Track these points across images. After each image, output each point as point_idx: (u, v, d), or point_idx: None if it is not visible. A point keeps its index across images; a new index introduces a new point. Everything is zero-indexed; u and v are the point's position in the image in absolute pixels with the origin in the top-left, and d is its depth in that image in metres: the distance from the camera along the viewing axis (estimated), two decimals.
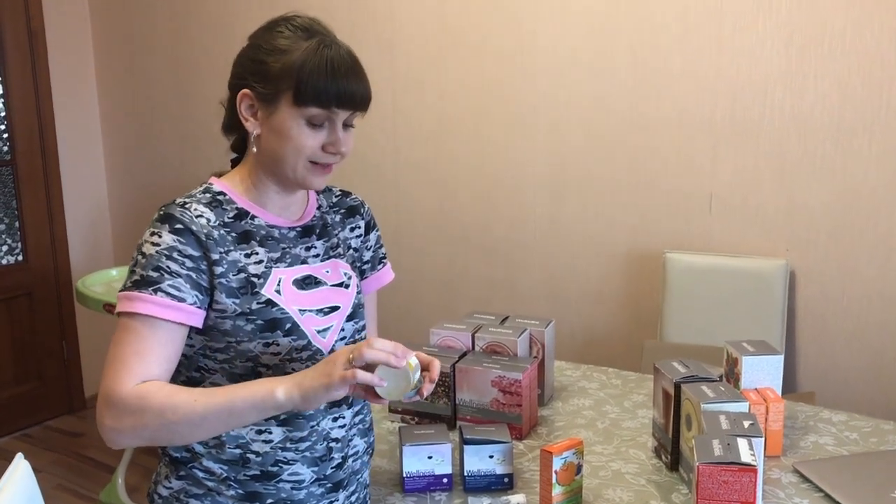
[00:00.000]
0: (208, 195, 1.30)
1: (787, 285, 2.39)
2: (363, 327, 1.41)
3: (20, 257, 3.78)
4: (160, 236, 1.22)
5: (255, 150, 1.29)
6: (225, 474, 1.29)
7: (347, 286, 1.38)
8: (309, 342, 1.29)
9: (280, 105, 1.24)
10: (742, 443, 1.28)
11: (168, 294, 1.19)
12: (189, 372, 1.29)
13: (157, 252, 1.21)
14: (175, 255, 1.21)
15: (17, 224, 3.75)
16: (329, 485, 1.35)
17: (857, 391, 2.36)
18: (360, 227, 1.47)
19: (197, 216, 1.25)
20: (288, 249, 1.33)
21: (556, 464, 1.44)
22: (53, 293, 3.90)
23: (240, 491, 1.29)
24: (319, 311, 1.32)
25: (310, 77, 1.21)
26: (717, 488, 1.23)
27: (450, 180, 3.01)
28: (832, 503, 1.45)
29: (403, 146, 3.09)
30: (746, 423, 1.36)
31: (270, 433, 1.29)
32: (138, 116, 3.85)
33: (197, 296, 1.22)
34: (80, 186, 3.98)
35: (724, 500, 1.23)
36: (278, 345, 1.26)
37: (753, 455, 1.24)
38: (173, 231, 1.22)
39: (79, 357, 4.04)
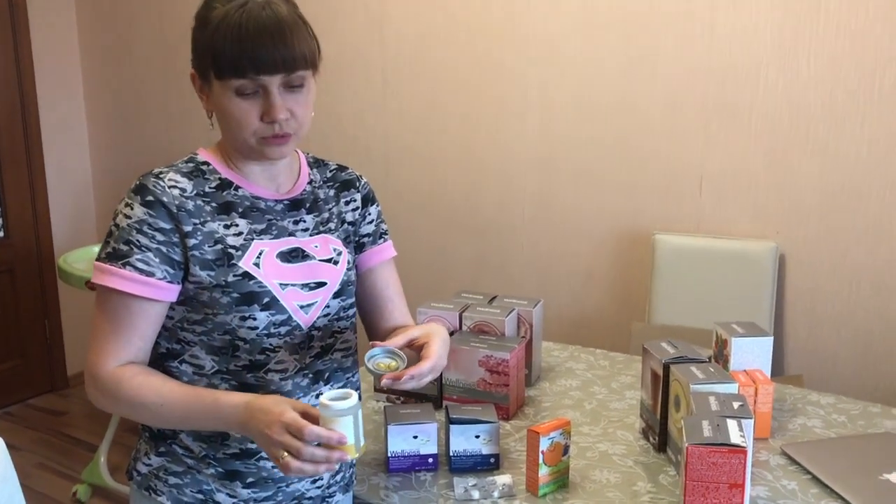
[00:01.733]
0: (191, 165, 1.27)
1: (777, 268, 2.38)
2: (351, 305, 1.38)
3: (1, 234, 3.73)
4: (132, 208, 1.20)
5: (211, 126, 1.27)
6: (204, 452, 1.27)
7: (336, 262, 1.34)
8: (289, 317, 1.26)
9: (212, 81, 1.20)
10: (732, 424, 1.26)
11: (136, 269, 1.18)
12: (170, 343, 1.26)
13: (128, 225, 1.19)
14: (145, 228, 1.19)
15: None
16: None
17: (845, 374, 2.36)
18: (356, 201, 1.42)
19: (170, 187, 1.21)
20: (274, 221, 1.29)
21: (543, 444, 1.42)
22: (35, 270, 3.85)
23: (219, 469, 1.26)
24: (304, 285, 1.28)
25: (221, 47, 1.16)
26: (705, 469, 1.21)
27: (440, 161, 2.97)
28: (820, 485, 1.44)
29: (393, 127, 3.05)
30: (736, 405, 1.35)
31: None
32: (124, 93, 3.79)
33: (167, 270, 1.20)
34: (64, 162, 3.92)
35: (713, 481, 1.21)
36: (255, 319, 1.23)
37: (743, 436, 1.23)
38: (144, 203, 1.19)
39: (61, 335, 3.99)
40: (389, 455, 1.50)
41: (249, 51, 1.15)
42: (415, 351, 1.27)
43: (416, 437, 1.50)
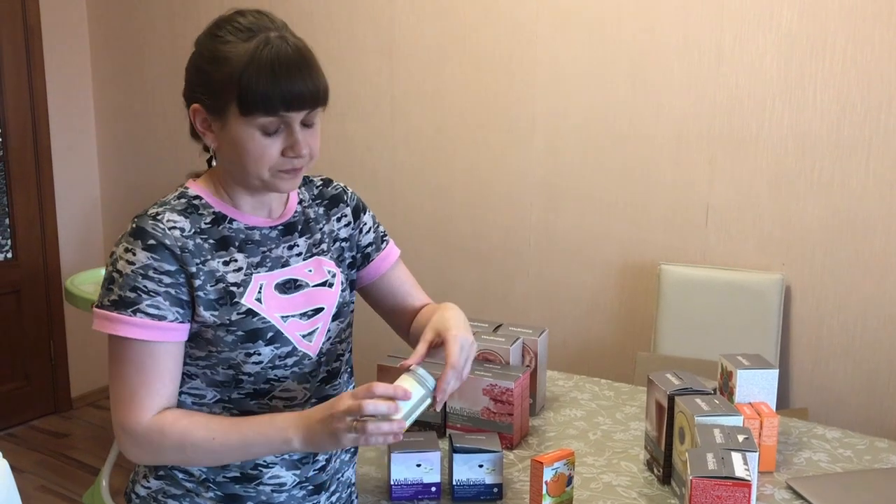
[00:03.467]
0: (183, 201, 1.25)
1: (783, 300, 2.38)
2: (349, 325, 1.37)
3: (9, 254, 3.75)
4: (134, 254, 1.17)
5: (214, 163, 1.26)
6: (204, 476, 1.26)
7: (331, 285, 1.33)
8: (294, 348, 1.26)
9: (229, 117, 1.17)
10: (736, 457, 1.26)
11: (147, 314, 1.16)
12: None
13: (132, 272, 1.16)
14: (151, 273, 1.16)
15: (7, 221, 3.72)
16: (311, 487, 1.32)
17: (850, 408, 2.34)
18: (346, 216, 1.41)
19: (170, 228, 1.19)
20: (268, 252, 1.28)
21: (547, 474, 1.42)
22: (42, 291, 3.87)
23: (219, 493, 1.26)
24: (303, 314, 1.28)
25: (250, 84, 1.14)
26: (710, 502, 1.21)
27: (446, 187, 2.99)
28: None
29: (400, 152, 3.07)
30: (741, 438, 1.34)
31: None
32: (134, 116, 3.83)
33: (178, 311, 1.18)
34: (73, 185, 3.95)
35: None
36: (260, 354, 1.23)
37: (748, 470, 1.22)
38: (147, 248, 1.17)
39: (66, 357, 3.99)
40: (392, 483, 1.49)
41: (283, 88, 1.14)
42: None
43: (419, 466, 1.49)
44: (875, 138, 2.25)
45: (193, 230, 1.22)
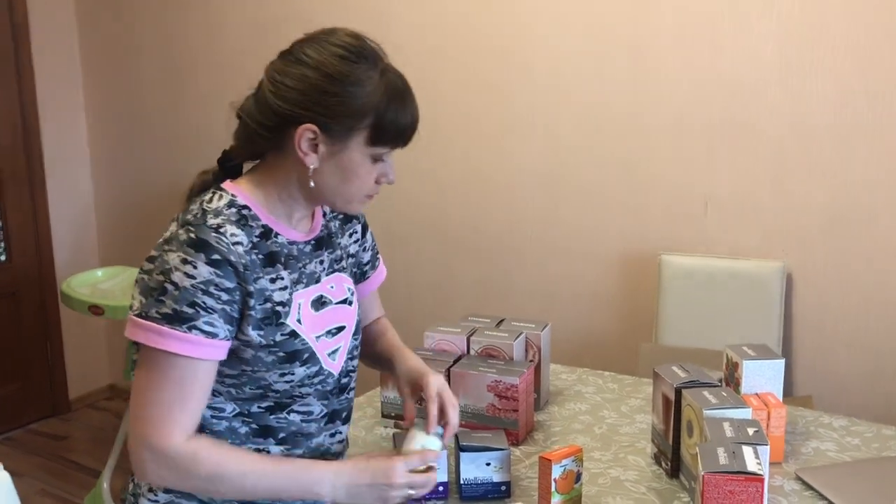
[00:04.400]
0: (234, 211, 1.18)
1: (784, 288, 2.37)
2: (360, 341, 1.37)
3: (3, 257, 3.71)
4: (195, 267, 1.10)
5: (312, 184, 1.19)
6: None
7: (351, 302, 1.33)
8: (321, 367, 1.25)
9: (350, 144, 1.16)
10: (748, 451, 1.25)
11: (202, 331, 1.12)
12: None
13: (192, 286, 1.10)
14: (212, 289, 1.11)
15: (0, 224, 3.69)
16: None
17: (854, 395, 2.34)
18: (357, 232, 1.42)
19: (234, 244, 1.14)
20: (303, 268, 1.25)
21: (556, 472, 1.40)
22: (37, 294, 3.84)
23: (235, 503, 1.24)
24: (328, 332, 1.27)
25: (388, 117, 1.15)
26: (722, 498, 1.19)
27: (443, 181, 2.97)
28: None
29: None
30: (751, 431, 1.33)
31: (269, 452, 1.25)
32: (126, 116, 3.79)
33: (228, 329, 1.15)
34: (66, 186, 3.91)
35: None
36: (294, 374, 1.21)
37: (759, 463, 1.21)
38: (210, 263, 1.11)
39: (63, 359, 3.97)
40: None
41: (411, 122, 1.18)
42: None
43: None
44: (876, 125, 2.23)
45: (250, 245, 1.17)
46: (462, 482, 1.47)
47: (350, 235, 1.40)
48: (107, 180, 3.95)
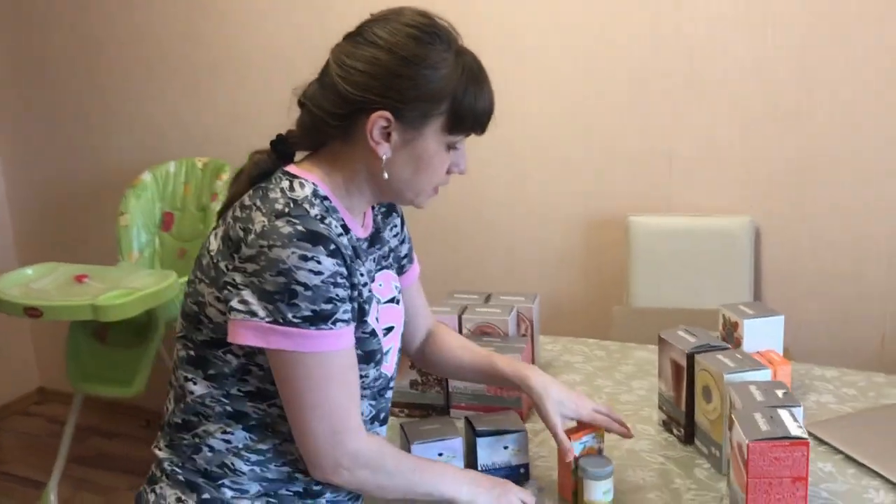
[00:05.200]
0: (319, 201, 1.11)
1: (754, 242, 2.37)
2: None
3: None
4: (319, 262, 1.03)
5: (385, 175, 1.11)
6: (264, 491, 1.15)
7: (398, 302, 1.27)
8: (382, 370, 1.19)
9: (426, 131, 1.09)
10: (784, 414, 1.22)
11: (344, 321, 1.07)
12: (262, 384, 1.12)
13: (322, 283, 1.04)
14: (339, 279, 1.06)
15: None
16: (353, 496, 1.26)
17: (824, 343, 2.37)
18: (397, 226, 1.35)
19: (338, 235, 1.08)
20: (365, 265, 1.18)
21: (576, 449, 1.36)
22: None
23: None
24: (384, 331, 1.20)
25: (469, 102, 1.09)
26: (767, 465, 1.16)
27: None
28: (855, 465, 1.42)
29: None
30: (780, 393, 1.30)
31: None
32: (38, 101, 3.50)
33: (353, 315, 1.11)
34: None
35: (776, 476, 1.16)
36: (367, 377, 1.15)
37: (800, 427, 1.18)
38: (331, 254, 1.05)
39: None
40: None
41: (489, 108, 1.12)
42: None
43: (440, 455, 1.40)
44: (840, 73, 2.24)
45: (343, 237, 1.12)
46: (480, 468, 1.40)
47: (391, 230, 1.33)
48: (20, 173, 3.65)
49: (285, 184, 1.11)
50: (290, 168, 1.14)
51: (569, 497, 1.36)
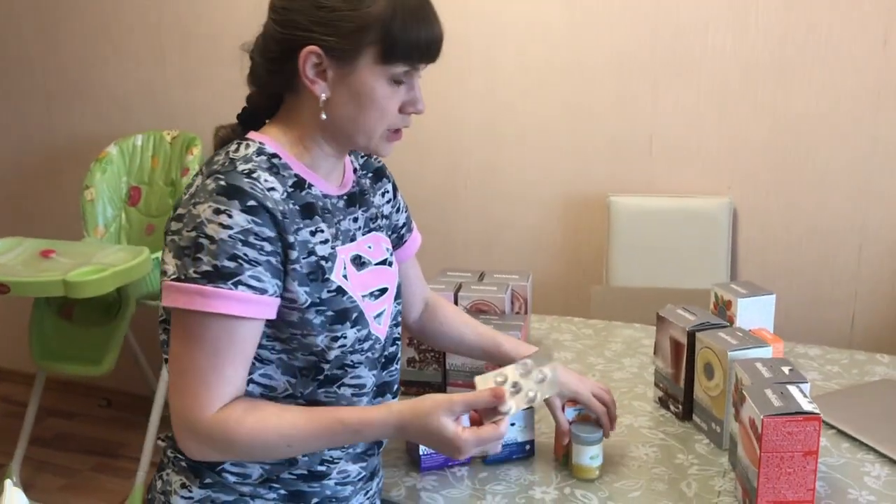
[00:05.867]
0: (263, 158, 1.07)
1: (731, 223, 2.41)
2: (401, 307, 1.26)
3: None
4: (230, 216, 0.99)
5: (323, 116, 1.07)
6: (265, 475, 1.12)
7: (391, 263, 1.23)
8: (369, 331, 1.14)
9: (359, 63, 1.04)
10: (794, 390, 1.24)
11: (249, 287, 1.00)
12: None
13: (229, 237, 0.99)
14: (251, 238, 0.99)
15: None
16: (367, 475, 1.23)
17: (799, 324, 2.43)
18: (388, 192, 1.32)
19: (269, 189, 1.03)
20: (339, 224, 1.14)
21: (570, 414, 1.39)
22: None
23: (283, 492, 1.13)
24: (371, 294, 1.16)
25: (401, 28, 1.02)
26: (780, 440, 1.19)
27: None
28: (849, 440, 1.46)
29: None
30: (786, 370, 1.33)
31: None
32: None
33: (277, 284, 1.03)
34: None
35: (788, 450, 1.19)
36: (346, 337, 1.10)
37: (811, 402, 1.21)
38: (246, 209, 0.99)
39: None
40: (422, 454, 1.39)
41: (429, 34, 1.04)
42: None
43: None
44: (816, 58, 2.28)
45: (284, 193, 1.06)
46: None
47: (382, 195, 1.30)
48: None
49: (233, 147, 1.09)
50: (249, 133, 1.12)
51: (560, 458, 1.41)
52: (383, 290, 1.19)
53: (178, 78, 3.02)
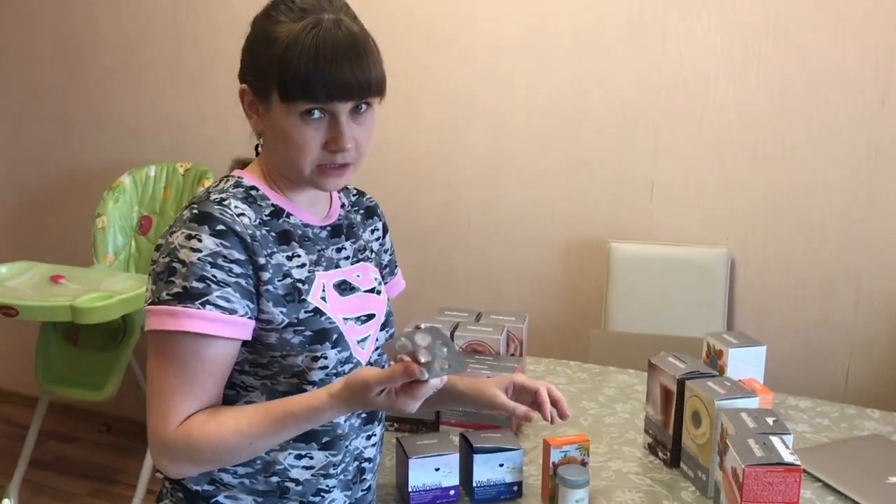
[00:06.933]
0: (240, 190, 1.15)
1: (729, 273, 2.45)
2: (391, 335, 1.29)
3: None
4: (200, 240, 1.05)
5: (259, 150, 1.18)
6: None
7: (379, 292, 1.27)
8: (351, 354, 1.17)
9: (272, 102, 1.09)
10: (776, 441, 1.27)
11: (218, 307, 1.04)
12: (224, 389, 1.13)
13: (199, 259, 1.05)
14: (220, 261, 1.05)
15: None
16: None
17: (793, 373, 2.45)
18: (378, 230, 1.37)
19: (238, 214, 1.09)
20: (322, 251, 1.20)
21: (554, 455, 1.42)
22: None
23: None
24: (357, 318, 1.20)
25: (290, 67, 1.05)
26: (761, 490, 1.21)
27: (380, 166, 2.88)
28: (834, 493, 1.48)
29: None
30: (770, 420, 1.35)
31: (312, 458, 1.16)
32: (13, 97, 3.45)
33: (248, 305, 1.08)
34: None
35: (769, 501, 1.21)
36: (326, 358, 1.13)
37: (793, 454, 1.23)
38: (215, 234, 1.06)
39: None
40: (411, 490, 1.41)
41: (326, 75, 1.05)
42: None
43: (437, 470, 1.42)
44: (815, 115, 2.33)
45: (258, 220, 1.12)
46: (475, 485, 1.43)
47: (372, 232, 1.35)
48: None
49: (215, 182, 1.18)
50: (234, 171, 1.20)
51: (547, 501, 1.43)
52: (370, 316, 1.23)
53: (194, 111, 3.09)
